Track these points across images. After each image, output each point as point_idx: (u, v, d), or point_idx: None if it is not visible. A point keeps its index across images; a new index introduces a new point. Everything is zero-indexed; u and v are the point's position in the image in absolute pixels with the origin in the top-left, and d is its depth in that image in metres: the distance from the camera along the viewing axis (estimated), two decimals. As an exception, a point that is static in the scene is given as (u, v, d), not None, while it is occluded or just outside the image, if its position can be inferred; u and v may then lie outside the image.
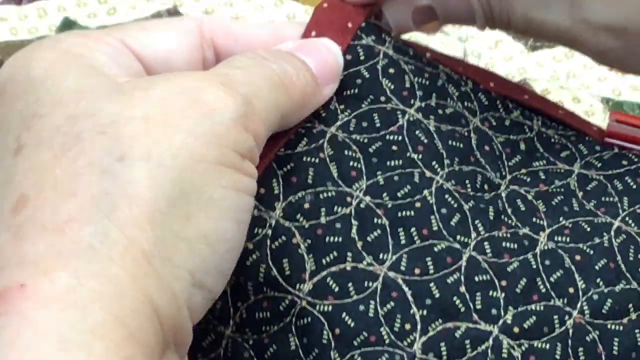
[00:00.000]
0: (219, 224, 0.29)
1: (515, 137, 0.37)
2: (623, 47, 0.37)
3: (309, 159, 0.34)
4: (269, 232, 0.33)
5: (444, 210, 0.34)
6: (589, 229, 0.35)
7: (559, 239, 0.35)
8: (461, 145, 0.35)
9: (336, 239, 0.33)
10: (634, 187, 0.36)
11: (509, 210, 0.35)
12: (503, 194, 0.35)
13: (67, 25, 0.65)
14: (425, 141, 0.35)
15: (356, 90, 0.36)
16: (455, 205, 0.34)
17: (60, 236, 0.26)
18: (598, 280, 0.34)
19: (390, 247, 0.33)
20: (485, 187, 0.35)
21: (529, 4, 0.37)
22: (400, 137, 0.35)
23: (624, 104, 0.58)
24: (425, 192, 0.34)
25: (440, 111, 0.36)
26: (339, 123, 0.35)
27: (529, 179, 0.36)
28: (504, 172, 0.36)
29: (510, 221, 0.35)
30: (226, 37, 0.35)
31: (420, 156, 0.35)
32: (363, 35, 0.37)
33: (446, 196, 0.34)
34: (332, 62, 0.35)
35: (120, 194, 0.27)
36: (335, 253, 0.33)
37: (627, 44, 0.37)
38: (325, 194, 0.34)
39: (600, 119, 0.60)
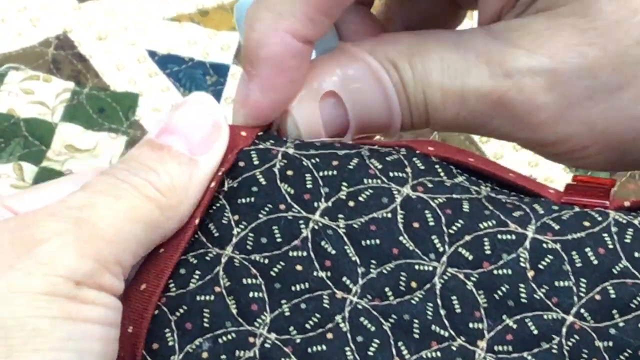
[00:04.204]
0: (51, 355, 0.28)
1: (458, 196, 0.33)
2: (557, 101, 0.33)
3: (203, 297, 0.31)
4: None
5: (359, 338, 0.31)
6: (536, 331, 0.31)
7: (500, 348, 0.31)
8: (378, 242, 0.32)
9: None
10: (595, 262, 0.31)
11: (443, 313, 0.31)
12: (438, 286, 0.31)
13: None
14: (333, 252, 0.31)
15: (252, 199, 0.32)
16: (373, 329, 0.31)
17: None
18: None
19: None
20: (413, 285, 0.31)
21: (445, 73, 0.34)
22: (304, 253, 0.31)
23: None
24: (338, 318, 0.31)
25: (351, 203, 0.32)
26: (234, 241, 0.32)
27: (471, 257, 0.31)
28: (441, 248, 0.32)
29: (442, 332, 0.31)
30: None
31: (328, 273, 0.31)
32: (259, 142, 0.33)
33: (361, 319, 0.31)
34: (204, 122, 0.33)
35: None
36: None
37: (560, 95, 0.33)
38: (224, 338, 0.31)
39: (560, 186, 0.54)
